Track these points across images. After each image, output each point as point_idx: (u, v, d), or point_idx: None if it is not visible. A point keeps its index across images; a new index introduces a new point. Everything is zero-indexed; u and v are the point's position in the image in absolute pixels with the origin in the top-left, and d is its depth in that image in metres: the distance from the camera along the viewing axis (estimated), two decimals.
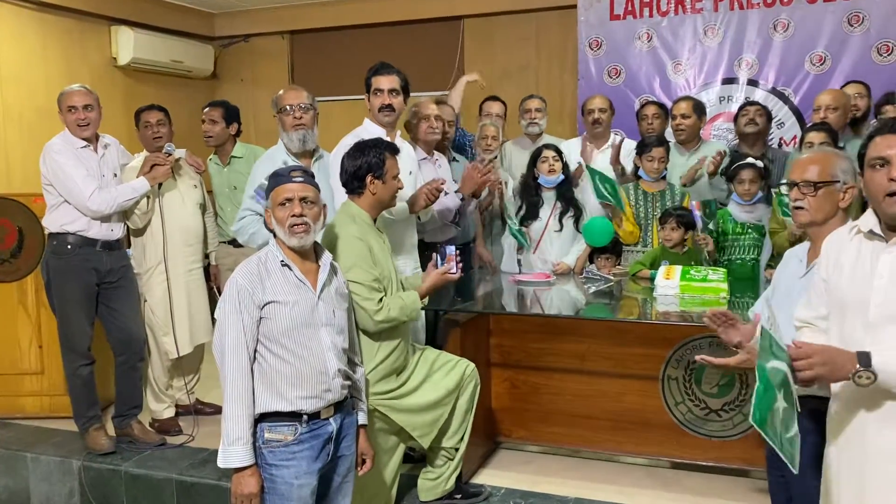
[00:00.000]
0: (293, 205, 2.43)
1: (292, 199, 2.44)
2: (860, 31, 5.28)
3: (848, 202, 2.31)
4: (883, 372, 1.76)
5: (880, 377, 1.76)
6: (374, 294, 2.85)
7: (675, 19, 5.72)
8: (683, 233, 3.97)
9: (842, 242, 2.02)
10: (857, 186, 2.30)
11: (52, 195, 3.71)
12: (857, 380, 1.77)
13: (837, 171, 2.30)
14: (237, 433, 2.34)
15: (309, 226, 2.44)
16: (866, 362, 1.77)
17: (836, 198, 2.30)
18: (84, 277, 3.73)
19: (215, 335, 2.43)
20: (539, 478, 3.56)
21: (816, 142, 3.71)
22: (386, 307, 2.87)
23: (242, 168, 4.37)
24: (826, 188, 2.29)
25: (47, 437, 4.12)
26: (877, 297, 1.85)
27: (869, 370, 1.76)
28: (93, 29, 5.96)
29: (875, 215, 1.93)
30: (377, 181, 2.96)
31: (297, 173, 2.49)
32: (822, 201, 2.30)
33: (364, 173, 2.95)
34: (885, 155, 1.85)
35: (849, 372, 1.77)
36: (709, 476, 3.53)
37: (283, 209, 2.44)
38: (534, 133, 4.82)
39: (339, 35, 6.86)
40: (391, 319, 2.89)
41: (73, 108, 3.69)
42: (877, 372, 1.76)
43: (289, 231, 2.43)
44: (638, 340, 3.55)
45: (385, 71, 3.48)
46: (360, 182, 2.96)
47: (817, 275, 2.08)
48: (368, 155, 2.95)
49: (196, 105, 6.85)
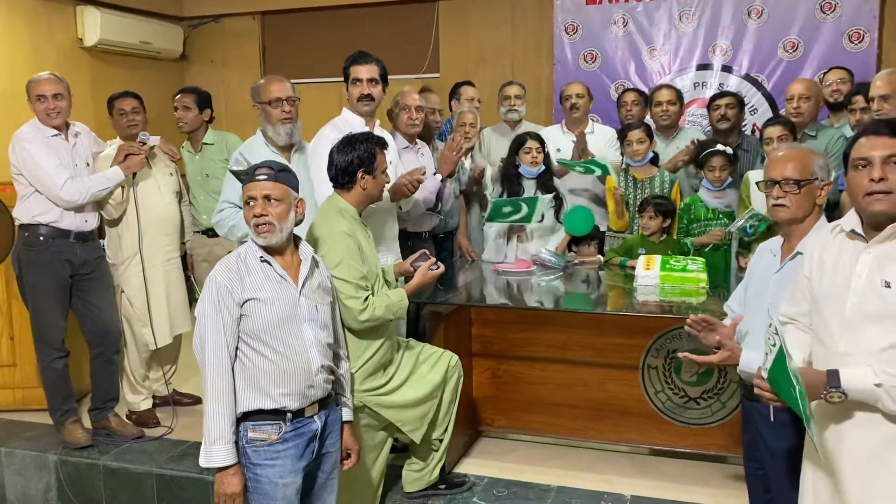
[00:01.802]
0: (256, 204, 2.39)
1: (255, 197, 2.39)
2: (832, 18, 5.36)
3: (824, 199, 2.36)
4: (852, 390, 1.82)
5: (850, 395, 1.83)
6: (360, 293, 2.83)
7: (651, 5, 5.75)
8: (662, 221, 4.01)
9: (825, 241, 2.06)
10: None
11: (23, 185, 3.61)
12: (829, 399, 1.84)
13: (815, 168, 2.35)
14: (219, 432, 2.31)
15: (273, 225, 2.39)
16: (835, 382, 1.83)
17: (815, 194, 2.35)
18: (57, 270, 3.66)
19: (195, 334, 2.39)
20: (521, 466, 3.59)
21: (775, 136, 3.76)
22: (371, 306, 2.85)
23: (214, 155, 4.32)
24: (807, 186, 2.33)
25: (21, 431, 4.05)
26: (854, 297, 1.90)
27: (839, 390, 1.83)
28: (58, 9, 5.80)
29: (857, 215, 1.97)
30: (368, 176, 2.92)
31: (263, 171, 2.43)
32: (802, 199, 2.33)
33: (355, 168, 2.90)
34: (868, 156, 1.90)
35: (818, 392, 1.84)
36: (687, 462, 3.59)
37: (248, 209, 2.41)
38: (513, 120, 4.81)
39: (311, 16, 6.76)
40: (376, 318, 2.87)
41: (43, 96, 3.59)
42: (846, 391, 1.82)
43: (254, 230, 2.40)
44: (618, 330, 3.58)
45: (363, 60, 3.42)
46: (351, 177, 2.92)
47: (801, 271, 2.11)
48: (359, 149, 2.90)
49: (165, 87, 6.77)
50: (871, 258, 1.89)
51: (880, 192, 1.86)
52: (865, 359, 1.85)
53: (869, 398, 1.82)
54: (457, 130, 4.52)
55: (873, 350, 1.84)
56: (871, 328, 1.86)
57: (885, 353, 1.82)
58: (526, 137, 4.23)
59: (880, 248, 1.89)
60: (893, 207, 1.86)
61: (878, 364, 1.82)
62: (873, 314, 1.86)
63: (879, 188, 1.86)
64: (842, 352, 1.91)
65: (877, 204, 1.87)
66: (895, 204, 1.86)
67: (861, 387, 1.82)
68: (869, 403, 1.83)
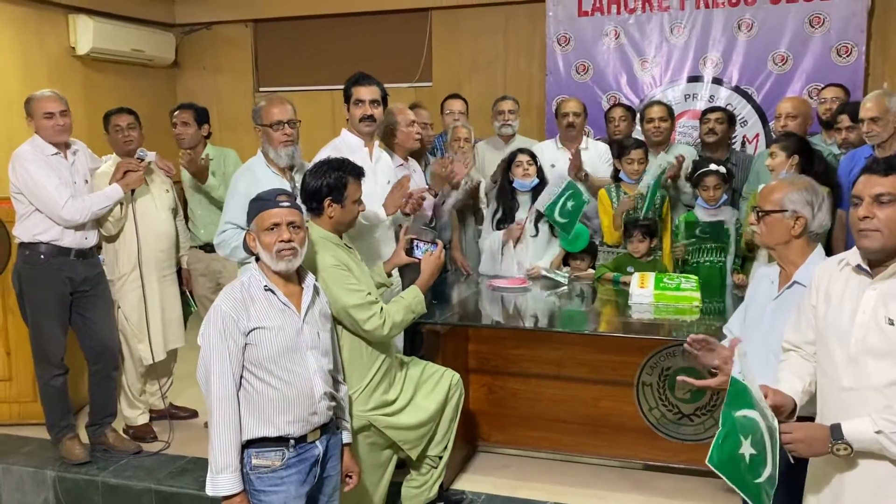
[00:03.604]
0: (281, 230, 2.43)
1: (280, 223, 2.44)
2: (821, 32, 5.42)
3: (798, 231, 2.40)
4: (855, 440, 1.89)
5: (855, 446, 1.89)
6: (372, 308, 2.85)
7: (643, 17, 5.79)
8: (650, 243, 4.08)
9: (832, 273, 2.11)
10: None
11: (23, 204, 3.62)
12: (837, 452, 1.91)
13: (786, 201, 2.40)
14: (225, 461, 2.35)
15: (296, 250, 2.45)
16: (838, 435, 1.90)
17: (786, 225, 2.41)
18: (58, 287, 3.66)
19: (199, 363, 2.41)
20: (518, 482, 3.64)
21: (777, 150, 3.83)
22: (387, 315, 2.88)
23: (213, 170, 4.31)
24: (772, 217, 2.41)
25: (18, 446, 4.05)
26: (858, 332, 1.96)
27: (844, 441, 1.90)
28: (50, 18, 5.76)
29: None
30: (335, 205, 2.89)
31: (284, 198, 2.48)
32: (769, 228, 2.43)
33: (322, 196, 2.87)
34: (860, 194, 1.98)
35: (825, 446, 1.91)
36: (681, 477, 3.65)
37: (270, 234, 2.44)
38: (507, 134, 4.85)
39: (304, 25, 6.75)
40: (398, 323, 2.92)
41: (51, 114, 3.61)
42: (850, 442, 1.89)
43: (276, 256, 2.43)
44: (613, 348, 3.64)
45: (366, 82, 3.46)
46: (319, 204, 2.90)
47: (806, 300, 2.17)
48: (329, 177, 2.85)
49: (157, 94, 6.77)
50: (877, 294, 1.95)
51: (868, 230, 1.94)
52: (868, 394, 1.91)
53: (873, 447, 1.88)
54: (450, 146, 4.58)
55: (877, 386, 1.90)
56: (875, 364, 1.91)
57: (888, 390, 1.88)
58: (516, 153, 4.31)
59: (885, 285, 1.95)
60: (879, 244, 1.93)
61: (881, 399, 1.88)
62: (877, 350, 1.91)
63: (865, 226, 1.94)
64: (845, 386, 1.96)
65: (864, 240, 1.96)
66: (880, 240, 1.93)
67: (863, 437, 1.88)
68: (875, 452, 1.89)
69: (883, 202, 1.93)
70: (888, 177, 1.94)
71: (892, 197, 1.93)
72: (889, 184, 1.94)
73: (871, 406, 1.90)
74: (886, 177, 1.95)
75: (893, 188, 1.93)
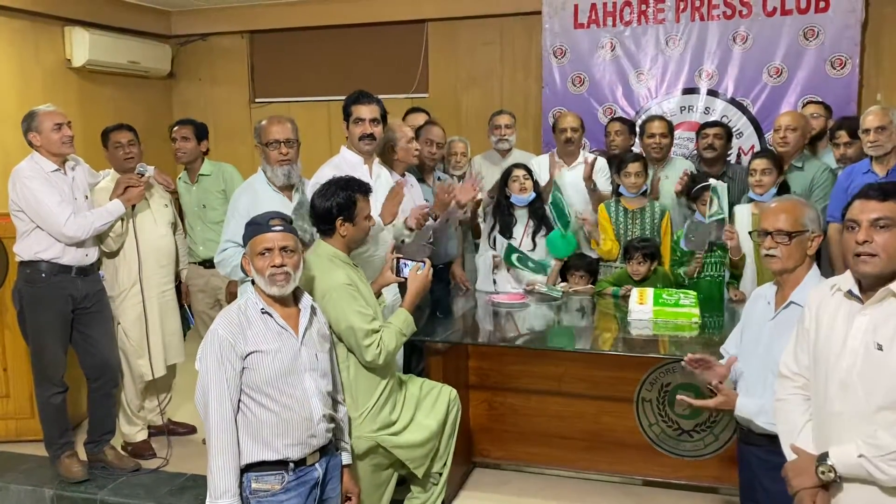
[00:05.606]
0: (273, 255, 2.43)
1: (272, 248, 2.43)
2: (815, 44, 5.46)
3: (814, 249, 2.45)
4: (840, 464, 1.94)
5: (841, 470, 1.94)
6: (373, 337, 2.87)
7: (638, 29, 5.82)
8: (649, 265, 4.09)
9: (823, 298, 2.13)
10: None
11: (24, 222, 3.59)
12: (821, 475, 1.98)
13: (807, 220, 2.44)
14: (224, 486, 2.35)
15: (289, 275, 2.45)
16: (824, 459, 1.97)
17: (806, 245, 2.44)
18: (59, 305, 3.64)
19: (197, 388, 2.41)
20: (518, 498, 3.65)
21: (759, 168, 3.89)
22: (382, 343, 2.89)
23: (211, 186, 4.32)
24: (798, 237, 2.42)
25: (16, 464, 4.03)
26: (849, 357, 1.98)
27: (826, 464, 1.96)
28: (46, 30, 5.75)
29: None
30: (347, 223, 2.91)
31: (277, 222, 2.47)
32: (793, 250, 2.42)
33: (334, 216, 2.89)
34: (857, 219, 2.00)
35: (812, 478, 1.99)
36: (681, 493, 3.66)
37: (262, 259, 2.44)
38: (503, 149, 4.87)
39: (300, 36, 6.76)
40: (392, 350, 2.93)
41: (59, 125, 3.61)
42: (834, 466, 1.95)
43: (269, 280, 2.43)
44: (613, 364, 3.64)
45: (366, 100, 3.47)
46: (331, 224, 2.92)
47: (802, 323, 2.19)
48: (339, 196, 2.88)
49: (153, 106, 6.77)
50: (867, 320, 1.97)
51: (866, 254, 1.96)
52: (857, 419, 1.93)
53: (859, 472, 1.91)
54: (447, 160, 4.58)
55: (866, 412, 1.92)
56: (864, 389, 1.93)
57: (877, 415, 1.90)
58: (511, 168, 4.32)
59: (875, 310, 1.97)
60: (878, 269, 1.95)
61: (870, 425, 1.90)
62: (866, 376, 1.93)
63: (864, 250, 1.96)
64: (836, 411, 1.99)
65: (861, 265, 1.97)
66: (879, 265, 1.95)
67: (847, 461, 1.92)
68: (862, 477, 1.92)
69: (881, 227, 1.96)
70: (885, 202, 1.97)
71: (890, 221, 1.95)
72: (887, 209, 1.96)
73: (859, 431, 1.92)
74: (884, 202, 1.97)
75: (891, 213, 1.96)
